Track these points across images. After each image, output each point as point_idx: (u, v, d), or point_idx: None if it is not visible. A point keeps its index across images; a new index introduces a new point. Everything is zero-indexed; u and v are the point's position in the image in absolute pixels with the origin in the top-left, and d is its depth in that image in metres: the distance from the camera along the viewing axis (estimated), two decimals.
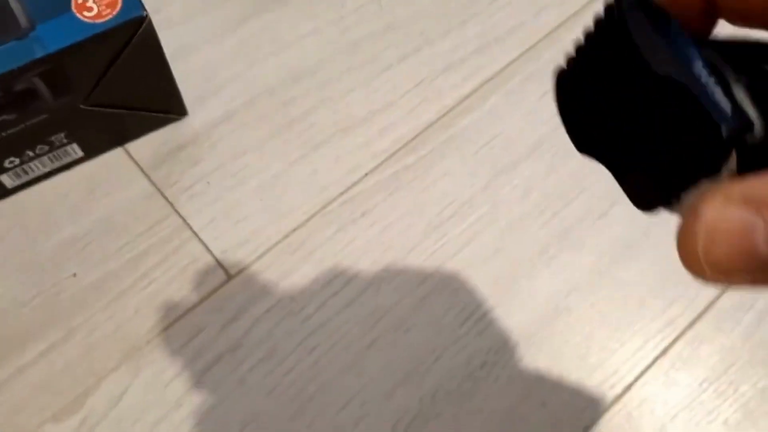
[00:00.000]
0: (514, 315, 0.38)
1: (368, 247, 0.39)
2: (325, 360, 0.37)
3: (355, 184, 0.41)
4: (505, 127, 0.42)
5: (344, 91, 0.43)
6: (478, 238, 0.39)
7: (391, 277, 0.39)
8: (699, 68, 0.13)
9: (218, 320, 0.37)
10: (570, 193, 0.41)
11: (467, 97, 0.43)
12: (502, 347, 0.37)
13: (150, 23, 0.34)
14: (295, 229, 0.40)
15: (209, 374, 0.36)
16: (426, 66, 0.44)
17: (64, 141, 0.38)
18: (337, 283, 0.38)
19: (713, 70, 0.13)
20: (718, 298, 0.38)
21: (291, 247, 0.39)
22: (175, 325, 0.37)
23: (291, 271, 0.39)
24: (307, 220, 0.40)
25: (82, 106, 0.37)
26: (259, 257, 0.39)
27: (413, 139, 0.42)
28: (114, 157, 0.41)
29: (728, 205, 0.12)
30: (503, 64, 0.44)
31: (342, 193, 0.41)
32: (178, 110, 0.41)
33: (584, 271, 0.39)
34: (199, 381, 0.36)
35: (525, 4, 0.46)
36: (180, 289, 0.38)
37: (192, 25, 0.45)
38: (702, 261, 0.12)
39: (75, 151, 0.39)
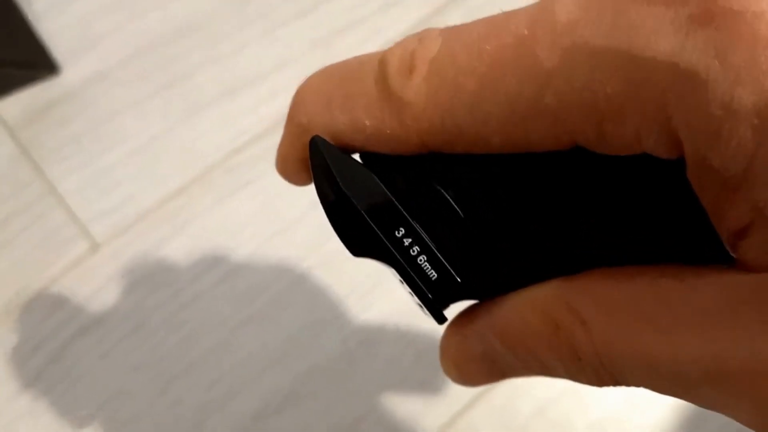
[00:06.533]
0: (398, 293, 0.36)
1: (249, 219, 0.37)
2: (196, 336, 0.35)
3: (239, 150, 0.38)
4: None
5: (233, 49, 0.40)
6: None
7: (272, 252, 0.37)
8: (400, 237, 0.14)
9: (83, 291, 0.35)
10: None
11: None
12: (384, 326, 0.36)
13: None
14: (170, 198, 0.37)
15: (71, 347, 0.35)
16: (324, 25, 0.41)
17: None
18: (213, 256, 0.36)
19: (410, 232, 0.14)
20: None
21: (165, 216, 0.37)
22: (37, 296, 0.35)
23: (163, 243, 0.36)
24: (184, 188, 0.37)
25: None
26: (130, 226, 0.37)
27: None
28: None
29: (466, 341, 0.15)
30: (406, 25, 0.41)
31: (224, 160, 0.38)
32: (46, 66, 0.38)
33: None
34: (61, 354, 0.35)
35: None
36: (43, 258, 0.36)
37: None
38: (458, 381, 0.16)
39: None
